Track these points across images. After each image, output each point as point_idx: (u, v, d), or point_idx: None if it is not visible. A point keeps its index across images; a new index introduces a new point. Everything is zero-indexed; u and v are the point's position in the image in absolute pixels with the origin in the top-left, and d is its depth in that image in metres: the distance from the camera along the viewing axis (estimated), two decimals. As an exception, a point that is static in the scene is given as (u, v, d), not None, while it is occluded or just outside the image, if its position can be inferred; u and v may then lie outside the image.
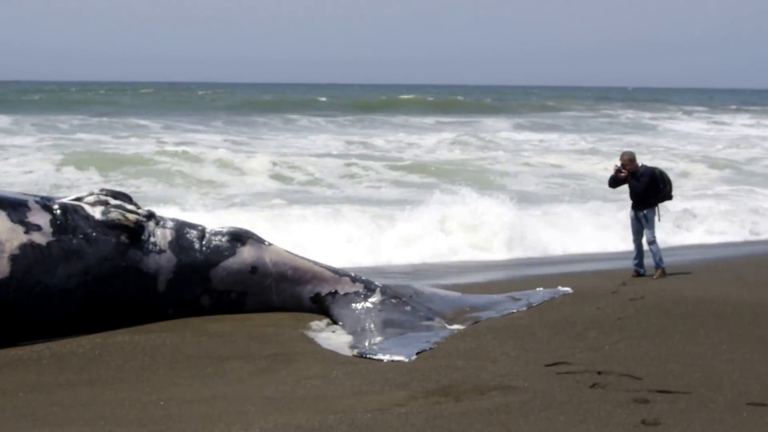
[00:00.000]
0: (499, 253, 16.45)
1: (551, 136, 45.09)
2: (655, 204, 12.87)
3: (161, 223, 9.56)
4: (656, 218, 12.90)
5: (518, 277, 13.33)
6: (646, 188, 12.76)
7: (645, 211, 12.85)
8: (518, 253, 16.53)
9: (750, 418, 6.54)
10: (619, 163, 12.96)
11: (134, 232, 9.25)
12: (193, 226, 9.75)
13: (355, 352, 8.78)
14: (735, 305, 10.24)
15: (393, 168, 28.73)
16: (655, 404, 6.76)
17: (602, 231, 18.05)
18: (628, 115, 68.57)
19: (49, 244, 8.83)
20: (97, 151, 30.97)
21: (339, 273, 10.06)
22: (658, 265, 12.81)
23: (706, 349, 8.46)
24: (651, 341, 8.76)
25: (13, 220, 8.78)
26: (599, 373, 7.62)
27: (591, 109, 76.63)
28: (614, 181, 13.09)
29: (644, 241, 12.94)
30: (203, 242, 9.60)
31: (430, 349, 8.72)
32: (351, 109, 63.76)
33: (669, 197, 13.00)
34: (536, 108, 74.36)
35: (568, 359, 8.12)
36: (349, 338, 9.22)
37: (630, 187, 12.94)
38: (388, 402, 6.95)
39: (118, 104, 65.35)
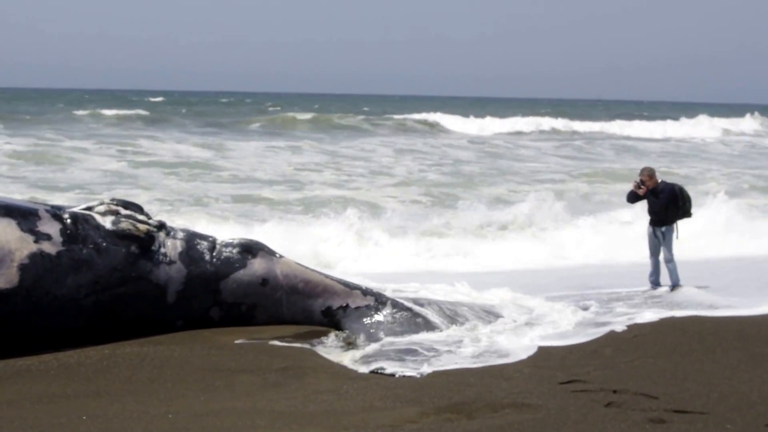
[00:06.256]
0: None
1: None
2: (674, 221, 12.74)
3: (172, 233, 9.48)
4: (674, 236, 12.75)
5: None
6: (666, 205, 12.63)
7: (663, 229, 12.70)
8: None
9: (770, 439, 6.41)
10: (638, 179, 12.83)
11: (144, 243, 9.18)
12: (204, 237, 9.68)
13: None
14: (753, 324, 10.09)
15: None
16: (671, 424, 6.64)
17: None
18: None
19: (59, 253, 8.77)
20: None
21: (350, 286, 9.96)
22: (675, 283, 12.67)
23: (723, 369, 8.32)
24: (667, 360, 8.63)
25: (23, 229, 8.71)
26: (614, 391, 7.50)
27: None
28: (633, 197, 12.96)
29: (661, 258, 12.81)
30: (214, 254, 9.51)
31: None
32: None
33: (688, 214, 12.84)
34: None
35: (583, 377, 8.00)
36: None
37: (649, 203, 12.81)
38: (400, 418, 6.84)
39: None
